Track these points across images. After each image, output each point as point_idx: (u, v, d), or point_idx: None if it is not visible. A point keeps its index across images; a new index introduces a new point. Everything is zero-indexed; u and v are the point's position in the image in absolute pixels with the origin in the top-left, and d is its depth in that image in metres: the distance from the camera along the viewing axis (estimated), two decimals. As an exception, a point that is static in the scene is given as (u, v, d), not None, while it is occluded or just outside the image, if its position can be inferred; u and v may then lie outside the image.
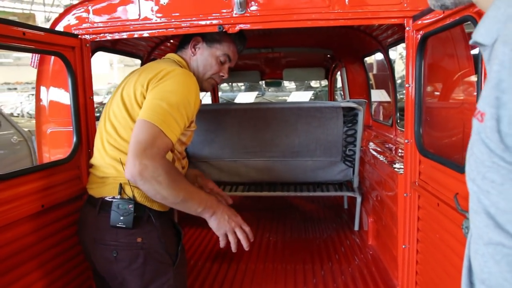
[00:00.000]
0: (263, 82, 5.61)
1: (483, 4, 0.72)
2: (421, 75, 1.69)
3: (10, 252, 1.49)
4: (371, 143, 3.18)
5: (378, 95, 5.12)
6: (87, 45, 1.92)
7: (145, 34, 1.91)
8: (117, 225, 1.49)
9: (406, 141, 1.83)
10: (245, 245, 1.59)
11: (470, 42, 0.67)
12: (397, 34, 2.79)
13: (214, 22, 1.82)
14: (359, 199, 2.97)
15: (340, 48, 3.99)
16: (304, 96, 12.33)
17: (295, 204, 3.83)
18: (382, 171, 2.40)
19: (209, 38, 1.78)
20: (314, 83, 14.08)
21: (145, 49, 3.15)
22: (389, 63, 3.19)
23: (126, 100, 1.55)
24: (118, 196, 1.51)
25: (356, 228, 3.05)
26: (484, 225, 0.64)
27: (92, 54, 2.32)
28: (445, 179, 1.49)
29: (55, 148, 1.98)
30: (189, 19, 1.84)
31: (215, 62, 1.78)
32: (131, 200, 1.50)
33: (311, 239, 3.02)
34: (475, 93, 1.33)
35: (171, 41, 3.21)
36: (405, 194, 1.89)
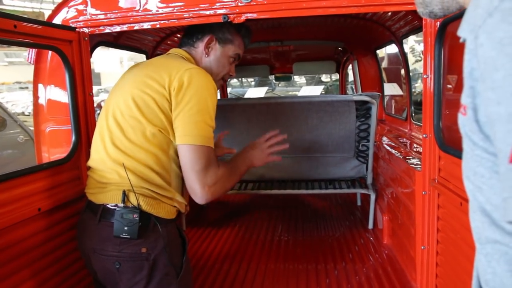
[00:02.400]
0: (273, 76, 5.51)
1: (466, 3, 0.72)
2: (440, 65, 1.57)
3: (4, 259, 1.41)
4: (384, 138, 3.06)
5: (391, 89, 4.98)
6: (86, 38, 1.83)
7: (146, 26, 1.81)
8: (121, 235, 1.39)
9: (424, 135, 1.71)
10: (283, 147, 1.89)
11: (460, 40, 0.64)
12: (411, 24, 2.66)
13: (219, 12, 1.71)
14: (373, 197, 2.85)
15: (351, 40, 3.85)
16: (314, 91, 12.19)
17: (307, 202, 3.73)
18: (398, 167, 2.28)
19: (222, 37, 1.70)
20: (324, 78, 13.91)
21: (150, 43, 3.06)
22: (403, 55, 3.05)
23: (139, 101, 1.45)
24: (122, 205, 1.41)
25: (370, 226, 2.94)
26: (481, 223, 0.64)
27: (93, 49, 2.25)
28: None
29: (54, 147, 1.90)
30: (192, 9, 1.74)
31: (227, 62, 1.73)
32: (136, 209, 1.39)
33: (323, 237, 2.91)
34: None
35: (178, 35, 3.12)
36: (423, 192, 1.77)
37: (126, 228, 1.38)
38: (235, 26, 1.72)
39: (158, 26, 1.79)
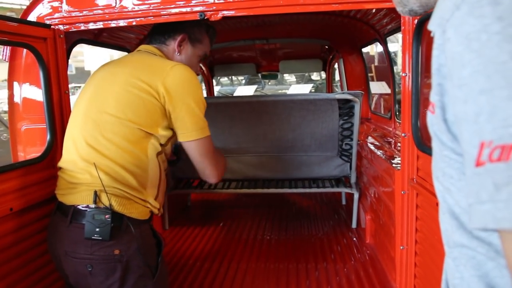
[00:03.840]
0: (261, 75, 5.49)
1: None
2: (418, 63, 1.56)
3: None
4: (369, 137, 3.06)
5: (379, 87, 4.98)
6: (61, 36, 1.79)
7: (122, 23, 1.78)
8: (93, 237, 1.36)
9: (403, 134, 1.71)
10: None
11: (431, 34, 0.61)
12: (394, 22, 2.66)
13: (195, 9, 1.69)
14: (356, 196, 2.85)
15: (337, 38, 3.85)
16: (304, 89, 12.18)
17: (291, 201, 3.72)
18: (379, 166, 2.28)
19: (193, 37, 1.71)
20: (314, 76, 13.91)
21: (132, 41, 3.01)
22: (387, 53, 3.05)
23: (122, 99, 1.44)
24: (93, 205, 1.38)
25: (354, 225, 2.93)
26: (450, 226, 0.61)
27: (72, 47, 2.21)
28: (445, 177, 1.36)
29: (30, 146, 1.86)
30: (169, 7, 1.71)
31: (196, 61, 1.75)
32: (108, 210, 1.37)
33: (306, 236, 2.91)
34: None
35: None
36: (402, 192, 1.76)
37: (97, 229, 1.35)
38: (204, 26, 1.74)
39: (134, 23, 1.76)
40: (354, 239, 2.80)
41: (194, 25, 1.70)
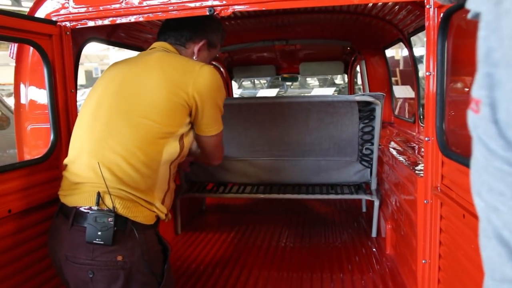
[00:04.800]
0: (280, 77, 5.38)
1: None
2: (443, 61, 1.43)
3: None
4: (391, 142, 2.91)
5: (403, 91, 4.80)
6: (67, 33, 1.74)
7: (130, 19, 1.71)
8: (94, 241, 1.28)
9: (426, 139, 1.57)
10: None
11: (469, 16, 0.49)
12: (418, 20, 2.52)
13: (205, 3, 1.60)
14: (377, 203, 2.70)
15: (359, 39, 3.71)
16: (326, 93, 12.01)
17: (309, 207, 3.59)
18: (401, 173, 2.13)
19: (211, 42, 1.68)
20: (338, 80, 13.72)
21: (150, 41, 2.96)
22: (411, 54, 2.90)
23: (159, 104, 1.39)
24: (96, 207, 1.31)
25: (374, 234, 2.79)
26: (497, 254, 0.49)
27: (83, 45, 2.17)
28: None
29: (35, 146, 1.81)
30: (177, 2, 1.63)
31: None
32: (111, 212, 1.29)
33: (323, 244, 2.78)
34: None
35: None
36: (425, 201, 1.62)
37: (99, 233, 1.28)
38: (221, 31, 1.71)
39: (141, 19, 1.69)
40: (374, 249, 2.66)
41: (215, 30, 1.68)
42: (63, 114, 1.74)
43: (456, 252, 1.41)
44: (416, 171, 1.86)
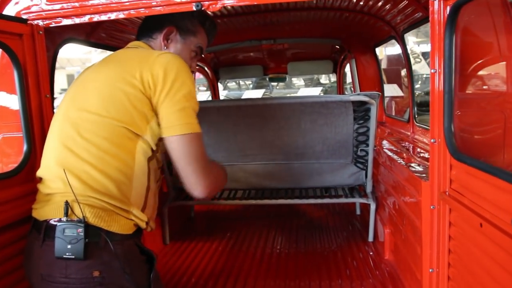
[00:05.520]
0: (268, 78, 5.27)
1: None
2: (451, 57, 1.33)
3: None
4: (385, 142, 2.82)
5: (392, 90, 4.75)
6: (40, 32, 1.59)
7: (110, 16, 1.57)
8: (64, 256, 1.17)
9: (432, 140, 1.47)
10: None
11: None
12: (412, 16, 2.43)
13: (191, -1, 1.48)
14: (373, 206, 2.60)
15: (348, 37, 3.62)
16: (312, 93, 11.95)
17: (301, 211, 3.47)
18: (401, 175, 2.03)
19: (183, 28, 1.52)
20: (323, 80, 13.67)
21: (129, 41, 2.82)
22: (404, 52, 2.81)
23: (105, 96, 1.27)
24: (64, 218, 1.19)
25: (371, 239, 2.69)
26: None
27: (59, 47, 2.03)
28: (492, 192, 1.12)
29: (8, 157, 1.66)
30: (161, -3, 1.50)
31: (188, 56, 1.55)
32: (80, 223, 1.18)
33: (319, 250, 2.68)
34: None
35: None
36: (431, 207, 1.52)
37: (69, 246, 1.17)
38: (198, 17, 1.55)
39: (122, 16, 1.55)
40: (371, 253, 2.56)
41: (185, 16, 1.52)
42: (37, 122, 1.59)
43: (469, 261, 1.31)
44: (418, 174, 1.76)
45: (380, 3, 2.48)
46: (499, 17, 1.34)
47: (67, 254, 1.16)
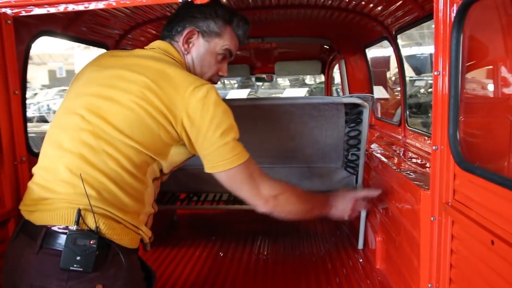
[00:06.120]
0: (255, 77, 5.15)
1: None
2: (458, 59, 1.24)
3: None
4: (375, 146, 2.74)
5: (382, 92, 4.69)
6: (8, 22, 1.44)
7: (87, 6, 1.43)
8: (71, 267, 1.09)
9: (434, 147, 1.37)
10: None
11: None
12: (408, 17, 2.35)
13: (176, -11, 1.35)
14: (363, 213, 2.51)
15: (338, 37, 3.54)
16: (298, 94, 11.91)
17: (288, 216, 3.37)
18: (396, 182, 1.94)
19: (206, 30, 1.42)
20: (308, 80, 13.65)
21: (111, 36, 2.68)
22: (397, 53, 2.73)
23: (143, 123, 1.20)
24: (75, 227, 1.11)
25: (360, 246, 2.60)
26: None
27: (33, 40, 1.88)
28: (506, 206, 1.02)
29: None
30: (143, -14, 1.37)
31: (214, 60, 1.46)
32: (93, 234, 1.11)
33: (306, 257, 2.59)
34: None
35: (148, 26, 2.75)
36: (432, 218, 1.43)
37: (78, 257, 1.09)
38: (224, 16, 1.43)
39: (101, 6, 1.41)
40: (361, 260, 2.48)
41: (208, 16, 1.41)
42: (4, 120, 1.43)
43: (475, 277, 1.22)
44: (416, 182, 1.67)
45: (373, 3, 2.39)
46: (510, 17, 1.25)
47: (74, 266, 1.09)
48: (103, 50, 2.72)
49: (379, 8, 2.46)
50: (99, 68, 1.31)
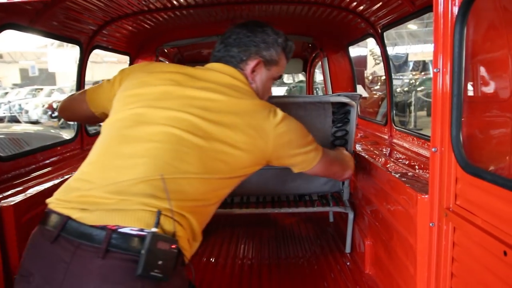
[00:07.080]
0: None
1: None
2: (462, 56, 1.16)
3: None
4: (359, 146, 2.67)
5: (361, 91, 4.65)
6: (-34, 12, 1.29)
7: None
8: (152, 273, 0.99)
9: (433, 149, 1.30)
10: None
11: None
12: (396, 12, 2.28)
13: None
14: (351, 216, 2.44)
15: (321, 35, 3.46)
16: (276, 93, 11.83)
17: (272, 218, 3.27)
18: (387, 184, 1.87)
19: (268, 59, 1.46)
20: (286, 79, 13.56)
21: (84, 31, 2.52)
22: (383, 51, 2.67)
23: (216, 166, 1.21)
24: (154, 229, 1.01)
25: (348, 250, 2.52)
26: None
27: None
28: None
29: None
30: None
31: (271, 85, 1.56)
32: (174, 239, 1.05)
33: (293, 261, 2.51)
34: None
35: (122, 21, 2.60)
36: (430, 224, 1.35)
37: (160, 262, 1.00)
38: (281, 43, 1.47)
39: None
40: (348, 264, 2.41)
41: (270, 46, 1.44)
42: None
43: (474, 286, 1.15)
44: (409, 184, 1.59)
45: None
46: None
47: (155, 271, 0.99)
48: (76, 47, 2.57)
49: (365, 4, 2.38)
50: (180, 88, 1.28)
